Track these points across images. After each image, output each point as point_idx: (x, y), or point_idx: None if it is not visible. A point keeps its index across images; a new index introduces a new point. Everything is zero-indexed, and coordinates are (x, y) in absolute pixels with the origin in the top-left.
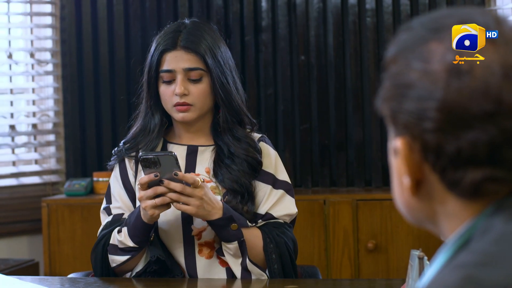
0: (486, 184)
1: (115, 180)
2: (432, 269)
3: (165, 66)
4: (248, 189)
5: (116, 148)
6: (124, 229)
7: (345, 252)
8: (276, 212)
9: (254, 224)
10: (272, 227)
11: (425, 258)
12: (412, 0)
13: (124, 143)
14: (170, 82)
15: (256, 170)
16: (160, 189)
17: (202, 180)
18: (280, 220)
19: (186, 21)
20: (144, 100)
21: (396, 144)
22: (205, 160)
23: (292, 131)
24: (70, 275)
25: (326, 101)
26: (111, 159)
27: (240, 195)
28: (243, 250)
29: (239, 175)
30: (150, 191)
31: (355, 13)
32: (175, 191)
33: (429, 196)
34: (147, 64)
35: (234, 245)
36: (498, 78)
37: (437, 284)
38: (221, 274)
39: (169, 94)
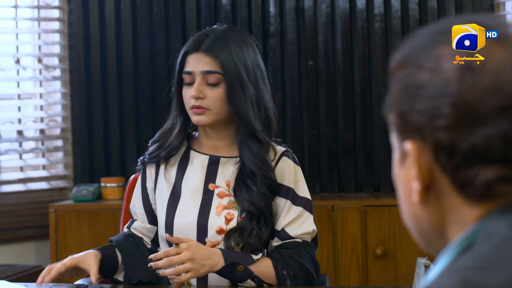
0: (498, 185)
1: (138, 184)
2: (433, 272)
3: (186, 68)
4: (265, 213)
5: (143, 155)
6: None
7: (353, 259)
8: (293, 231)
9: (261, 255)
10: (284, 249)
11: (431, 266)
12: (421, 5)
13: (152, 143)
14: (190, 84)
15: (273, 190)
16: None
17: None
18: (298, 240)
19: (220, 27)
20: (177, 99)
21: (405, 147)
22: (226, 172)
23: (300, 136)
24: (77, 282)
25: (334, 106)
26: (138, 164)
27: (256, 219)
28: (259, 282)
29: (257, 198)
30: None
31: (364, 18)
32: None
33: (437, 202)
34: (176, 66)
35: (249, 282)
36: (510, 74)
37: (435, 287)
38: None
39: (188, 96)
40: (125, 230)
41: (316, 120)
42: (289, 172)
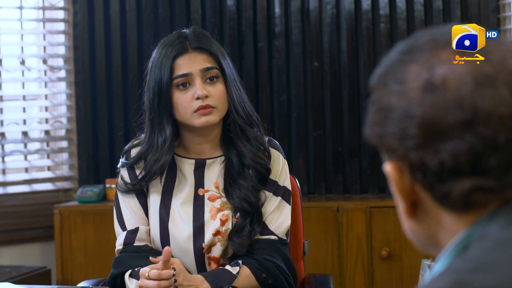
0: (475, 195)
1: (131, 197)
2: (429, 276)
3: (179, 71)
4: (257, 209)
5: (121, 178)
6: (135, 283)
7: (359, 260)
8: (277, 229)
9: (239, 267)
10: (257, 250)
11: None
12: (426, 6)
13: (137, 160)
14: (185, 88)
15: (264, 178)
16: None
17: (173, 270)
18: (273, 237)
19: (185, 30)
20: (149, 116)
21: (385, 169)
22: (213, 174)
23: (305, 137)
24: (81, 283)
25: (340, 107)
26: (123, 188)
27: (251, 217)
28: None
29: (249, 193)
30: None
31: (369, 19)
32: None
33: (426, 217)
34: (156, 76)
35: None
36: (471, 87)
37: None
38: None
39: (187, 100)
40: (120, 248)
41: (321, 121)
42: (277, 167)
